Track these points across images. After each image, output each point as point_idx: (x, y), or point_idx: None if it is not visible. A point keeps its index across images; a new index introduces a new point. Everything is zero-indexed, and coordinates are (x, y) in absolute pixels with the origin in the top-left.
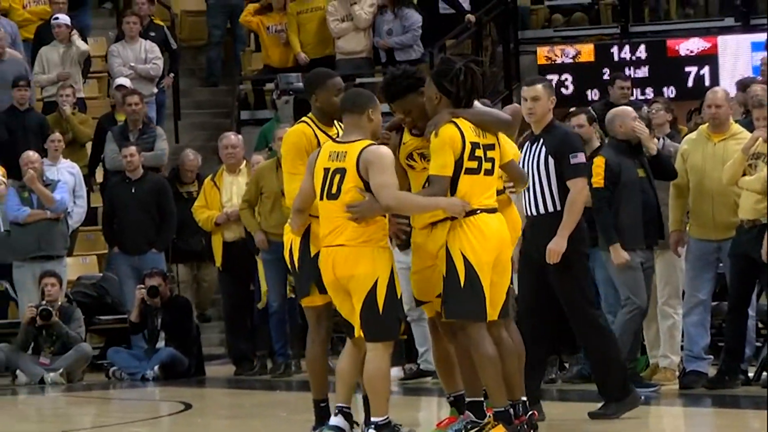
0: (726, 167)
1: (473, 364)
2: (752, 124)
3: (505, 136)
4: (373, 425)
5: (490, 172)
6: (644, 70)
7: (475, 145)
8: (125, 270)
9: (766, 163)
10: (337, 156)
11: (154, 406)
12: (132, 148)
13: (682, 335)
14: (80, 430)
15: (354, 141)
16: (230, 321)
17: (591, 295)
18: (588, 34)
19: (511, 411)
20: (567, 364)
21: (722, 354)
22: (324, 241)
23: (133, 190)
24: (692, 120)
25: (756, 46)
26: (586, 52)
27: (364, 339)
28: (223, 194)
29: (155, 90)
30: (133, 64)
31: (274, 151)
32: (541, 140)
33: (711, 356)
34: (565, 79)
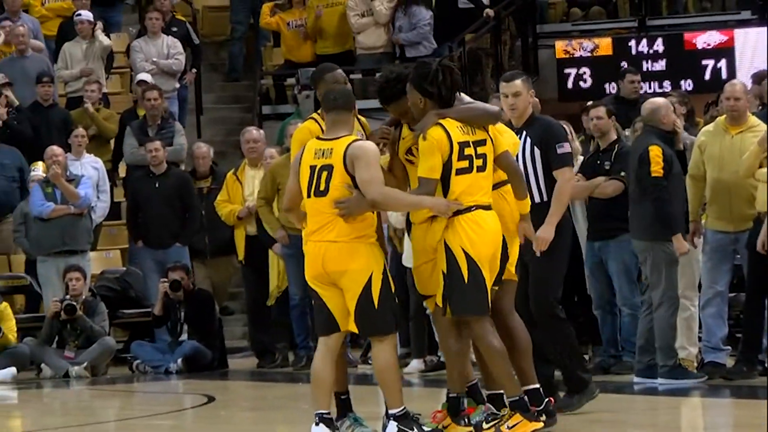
0: (743, 159)
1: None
2: None
3: (504, 126)
4: (391, 417)
5: (483, 169)
6: (662, 64)
7: (463, 145)
8: (149, 264)
9: None
10: (323, 153)
11: (178, 399)
12: (157, 143)
13: (700, 326)
14: (104, 423)
15: (340, 137)
16: (252, 314)
17: (560, 288)
18: (606, 28)
19: (526, 398)
20: (587, 356)
21: (740, 345)
22: (312, 237)
23: (156, 185)
24: (709, 113)
25: None
26: (604, 45)
27: (360, 334)
28: (246, 188)
29: (177, 85)
30: (155, 60)
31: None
32: (524, 132)
33: (729, 347)
34: (583, 73)
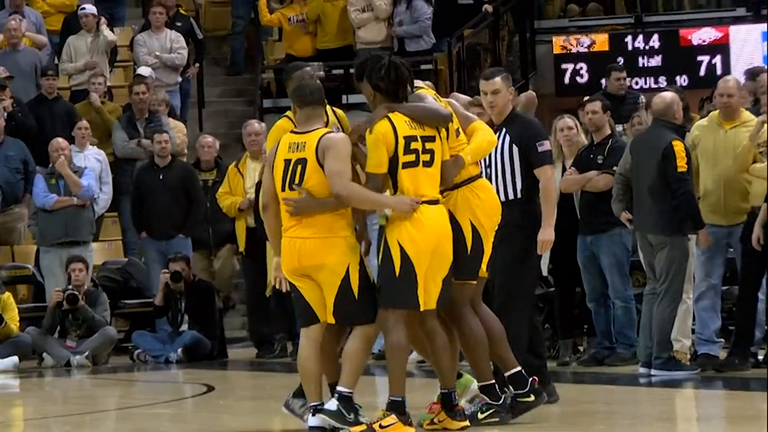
0: (736, 155)
1: (479, 348)
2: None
3: (484, 124)
4: (337, 394)
5: (429, 164)
6: (657, 59)
7: (410, 139)
8: (153, 255)
9: None
10: (297, 147)
11: (178, 388)
12: (165, 135)
13: (693, 319)
14: (105, 411)
15: (313, 130)
16: (252, 305)
17: (534, 288)
18: (602, 24)
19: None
20: (581, 348)
21: (733, 337)
22: (288, 231)
23: (161, 177)
24: (704, 108)
25: (767, 36)
26: (601, 41)
27: (339, 323)
28: (247, 180)
29: (179, 79)
30: (158, 54)
31: None
32: (504, 130)
33: (722, 339)
34: (580, 68)
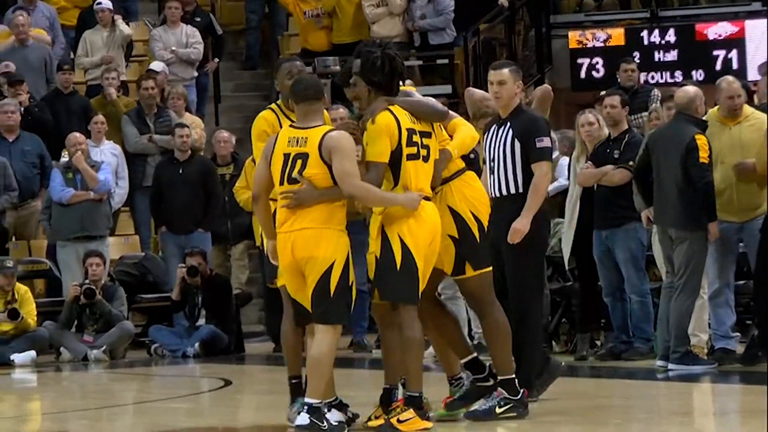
0: (756, 155)
1: (500, 340)
2: None
3: (464, 120)
4: (306, 407)
5: (426, 159)
6: (673, 54)
7: (411, 131)
8: (172, 249)
9: None
10: (297, 141)
11: (195, 383)
12: (186, 129)
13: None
14: (123, 405)
15: (314, 126)
16: (268, 299)
17: (542, 281)
18: (618, 19)
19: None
20: (598, 342)
21: (751, 331)
22: (283, 226)
23: (180, 171)
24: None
25: None
26: (617, 36)
27: (316, 321)
28: None
29: (195, 74)
30: (174, 48)
31: None
32: (508, 124)
33: (738, 333)
34: (596, 63)
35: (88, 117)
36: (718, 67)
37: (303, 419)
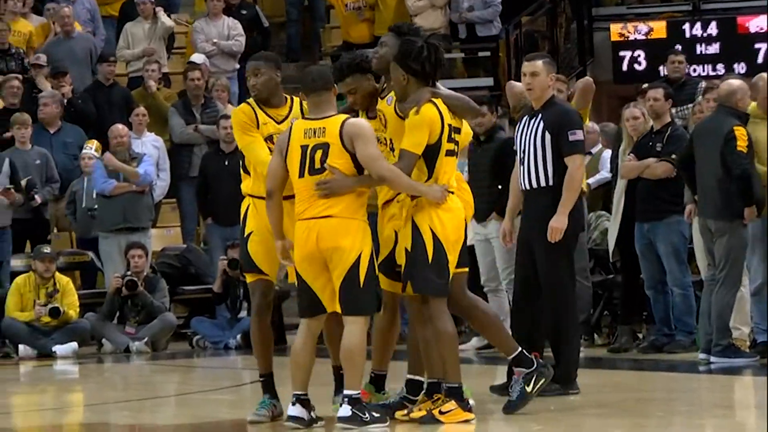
0: None
1: (494, 326)
2: None
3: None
4: (346, 398)
5: (456, 154)
6: (715, 47)
7: (451, 128)
8: (216, 241)
9: None
10: (314, 132)
11: (237, 375)
12: (230, 121)
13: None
14: (164, 397)
15: (330, 116)
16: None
17: (574, 275)
18: (660, 11)
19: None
20: (640, 335)
21: None
22: (304, 215)
23: (226, 163)
24: None
25: None
26: (659, 28)
27: (344, 313)
28: None
29: (237, 66)
30: (216, 41)
31: None
32: (540, 116)
33: None
34: (638, 56)
35: (130, 109)
36: (760, 59)
37: (345, 411)
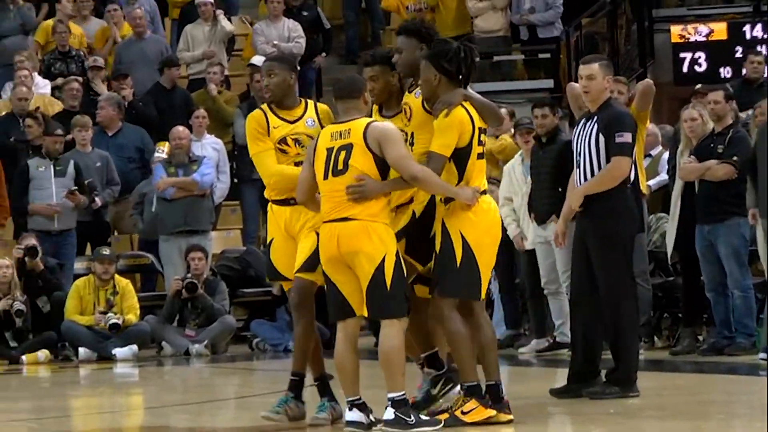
0: None
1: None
2: None
3: None
4: (390, 401)
5: (483, 156)
6: None
7: (481, 130)
8: None
9: None
10: (340, 134)
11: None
12: None
13: None
14: (224, 400)
15: (355, 119)
16: None
17: (632, 277)
18: (721, 13)
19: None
20: (700, 337)
21: None
22: (327, 217)
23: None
24: None
25: None
26: (719, 30)
27: (371, 316)
28: None
29: (298, 68)
30: (276, 42)
31: None
32: (595, 118)
33: None
34: (698, 57)
35: (190, 111)
36: None
37: (389, 414)
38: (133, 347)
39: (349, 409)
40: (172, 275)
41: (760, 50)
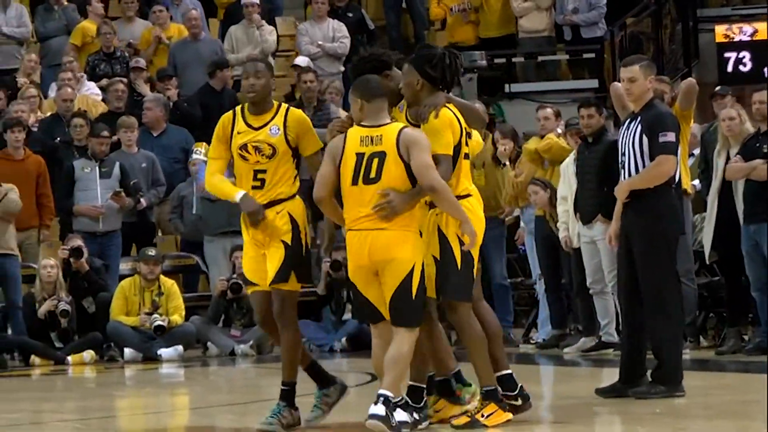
0: None
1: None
2: None
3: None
4: (382, 398)
5: (469, 156)
6: None
7: (466, 132)
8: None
9: None
10: (371, 140)
11: (342, 377)
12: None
13: None
14: (270, 400)
15: (386, 124)
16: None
17: (676, 276)
18: (765, 12)
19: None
20: (746, 336)
21: None
22: (355, 224)
23: None
24: None
25: None
26: (763, 30)
27: (395, 324)
28: None
29: (342, 68)
30: (320, 43)
31: None
32: (639, 118)
33: None
34: (743, 57)
35: None
36: None
37: (379, 409)
38: (179, 348)
39: (393, 410)
40: (216, 276)
41: None
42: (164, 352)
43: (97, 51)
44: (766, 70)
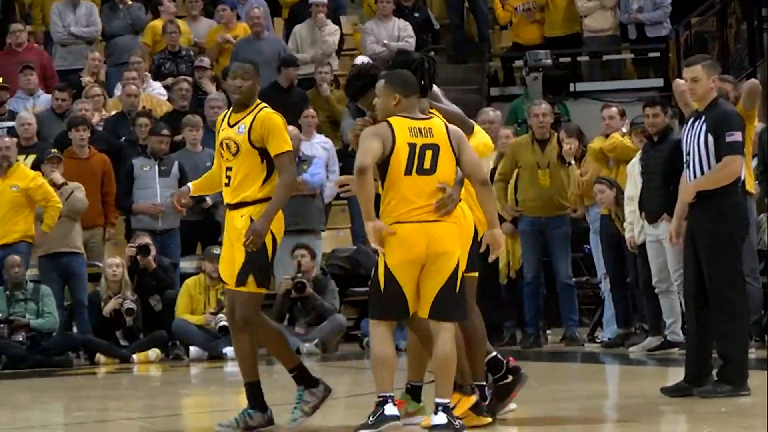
0: None
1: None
2: None
3: (482, 130)
4: (441, 406)
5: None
6: None
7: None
8: None
9: None
10: (422, 132)
11: (406, 376)
12: None
13: None
14: (335, 399)
15: (430, 118)
16: (482, 292)
17: (743, 276)
18: None
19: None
20: None
21: None
22: (410, 216)
23: None
24: None
25: None
26: None
27: (436, 318)
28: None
29: None
30: (386, 42)
31: (524, 127)
32: (703, 117)
33: None
34: None
35: (300, 110)
36: None
37: (441, 419)
38: None
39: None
40: (281, 275)
41: None
42: (230, 351)
43: (163, 50)
44: None
